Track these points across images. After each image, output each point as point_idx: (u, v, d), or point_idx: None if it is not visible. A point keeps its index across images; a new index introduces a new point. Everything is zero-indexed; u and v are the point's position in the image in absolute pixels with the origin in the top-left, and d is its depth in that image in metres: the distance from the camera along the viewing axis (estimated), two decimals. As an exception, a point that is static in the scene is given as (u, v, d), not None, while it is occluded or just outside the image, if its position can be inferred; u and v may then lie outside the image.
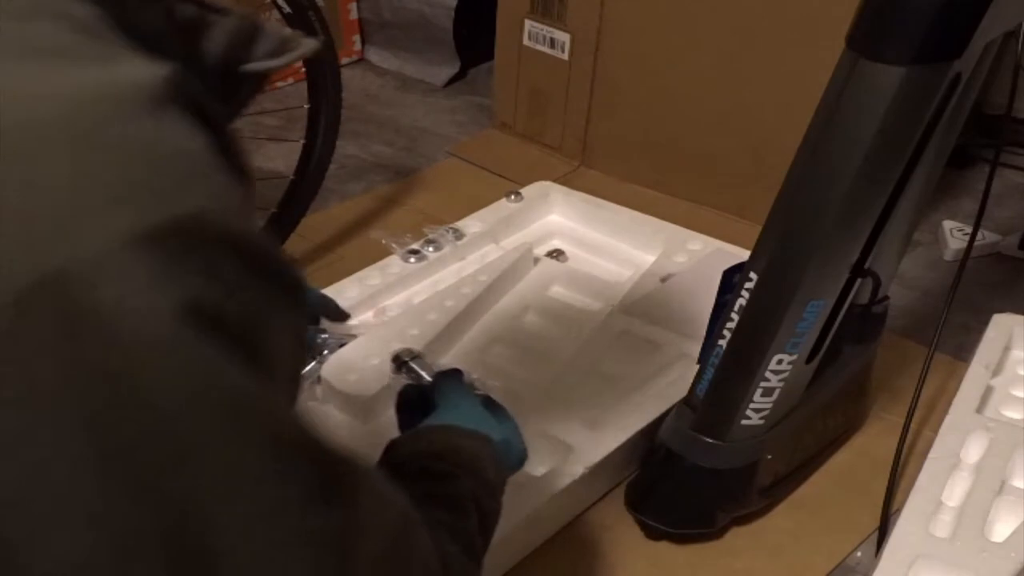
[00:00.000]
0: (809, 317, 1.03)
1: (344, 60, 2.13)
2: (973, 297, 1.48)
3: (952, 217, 1.70)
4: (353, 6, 2.20)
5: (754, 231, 1.06)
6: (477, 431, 0.77)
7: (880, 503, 1.17)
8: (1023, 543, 1.03)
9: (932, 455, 1.14)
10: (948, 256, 1.63)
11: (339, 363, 1.22)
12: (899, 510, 1.11)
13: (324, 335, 1.25)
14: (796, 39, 1.52)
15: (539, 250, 1.51)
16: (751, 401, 1.06)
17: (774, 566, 1.12)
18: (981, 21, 0.90)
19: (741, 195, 1.63)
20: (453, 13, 2.05)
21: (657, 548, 1.13)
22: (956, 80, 0.95)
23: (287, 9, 1.40)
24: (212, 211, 0.43)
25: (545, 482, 1.09)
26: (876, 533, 1.15)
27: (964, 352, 1.36)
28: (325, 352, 1.24)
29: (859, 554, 1.13)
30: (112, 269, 0.40)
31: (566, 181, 1.69)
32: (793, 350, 1.04)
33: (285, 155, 1.57)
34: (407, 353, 1.20)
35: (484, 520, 0.71)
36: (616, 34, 1.72)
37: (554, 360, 1.29)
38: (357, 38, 2.24)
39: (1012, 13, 0.96)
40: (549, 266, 1.47)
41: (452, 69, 2.16)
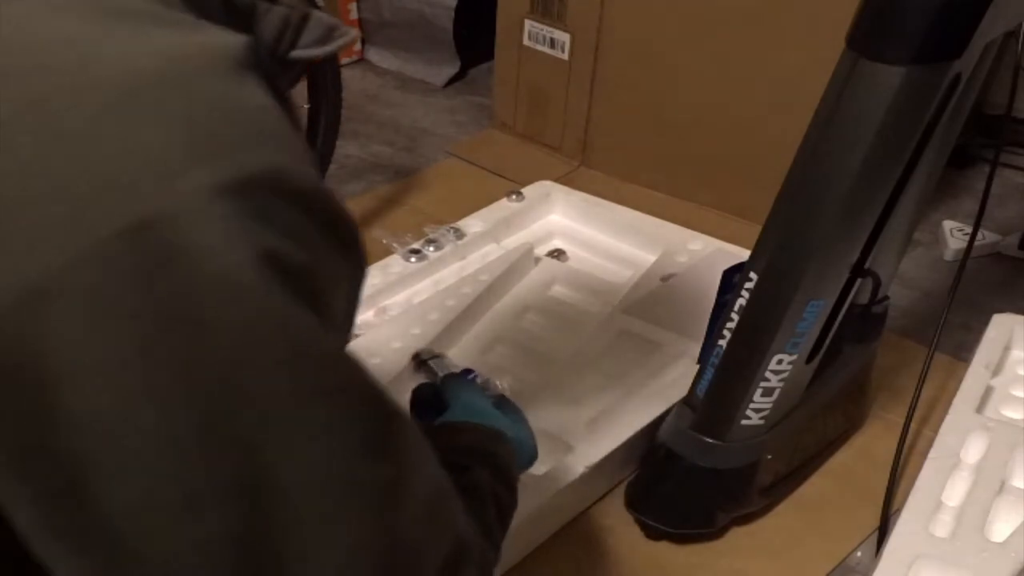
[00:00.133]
0: (809, 317, 1.03)
1: (344, 60, 2.13)
2: (973, 297, 1.48)
3: (952, 217, 1.70)
4: (353, 6, 2.20)
5: (754, 231, 1.06)
6: (491, 427, 0.78)
7: (880, 503, 1.17)
8: (1023, 543, 1.03)
9: (932, 455, 1.14)
10: (948, 256, 1.63)
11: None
12: (899, 510, 1.11)
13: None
14: (796, 39, 1.52)
15: (540, 250, 1.51)
16: (751, 401, 1.06)
17: (774, 566, 1.12)
18: (981, 21, 0.90)
19: (741, 195, 1.63)
20: (453, 13, 2.05)
21: (657, 548, 1.13)
22: (956, 80, 0.95)
23: (287, 9, 1.39)
24: (288, 168, 0.46)
25: (545, 481, 1.09)
26: (876, 533, 1.15)
27: (964, 352, 1.36)
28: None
29: (859, 554, 1.14)
30: (200, 216, 0.42)
31: (566, 181, 1.69)
32: (793, 350, 1.04)
33: (285, 155, 1.57)
34: (427, 352, 1.20)
35: (501, 512, 0.72)
36: (616, 34, 1.72)
37: (554, 360, 1.29)
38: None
39: (1012, 13, 0.96)
40: (550, 266, 1.48)
41: (452, 69, 2.15)
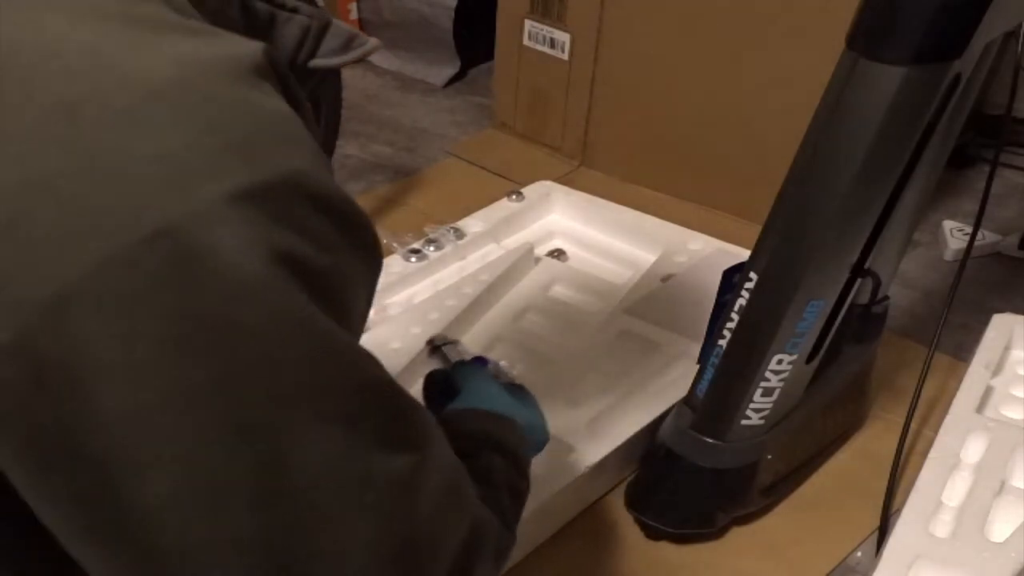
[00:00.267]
0: (809, 317, 1.03)
1: (344, 60, 2.12)
2: (973, 297, 1.48)
3: (952, 217, 1.70)
4: (353, 6, 2.20)
5: (754, 231, 1.06)
6: (501, 412, 0.78)
7: (880, 503, 1.17)
8: (1023, 543, 1.03)
9: (932, 455, 1.14)
10: (948, 256, 1.63)
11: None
12: (899, 510, 1.11)
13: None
14: (796, 39, 1.52)
15: (540, 250, 1.51)
16: (751, 401, 1.06)
17: (774, 566, 1.12)
18: (981, 21, 0.90)
19: (741, 195, 1.63)
20: (453, 13, 2.05)
21: (657, 548, 1.13)
22: (956, 80, 0.95)
23: (287, 9, 1.39)
24: (307, 172, 0.47)
25: (545, 481, 1.09)
26: (876, 533, 1.15)
27: (964, 352, 1.36)
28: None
29: (859, 554, 1.14)
30: (219, 222, 0.43)
31: (566, 181, 1.69)
32: (793, 350, 1.04)
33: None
34: (441, 338, 1.21)
35: (514, 495, 0.73)
36: (616, 34, 1.72)
37: (554, 360, 1.29)
38: (357, 38, 2.24)
39: (1012, 13, 0.96)
40: (550, 266, 1.48)
41: (452, 69, 2.15)
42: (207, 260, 0.43)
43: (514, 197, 1.57)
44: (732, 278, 1.09)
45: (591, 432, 1.16)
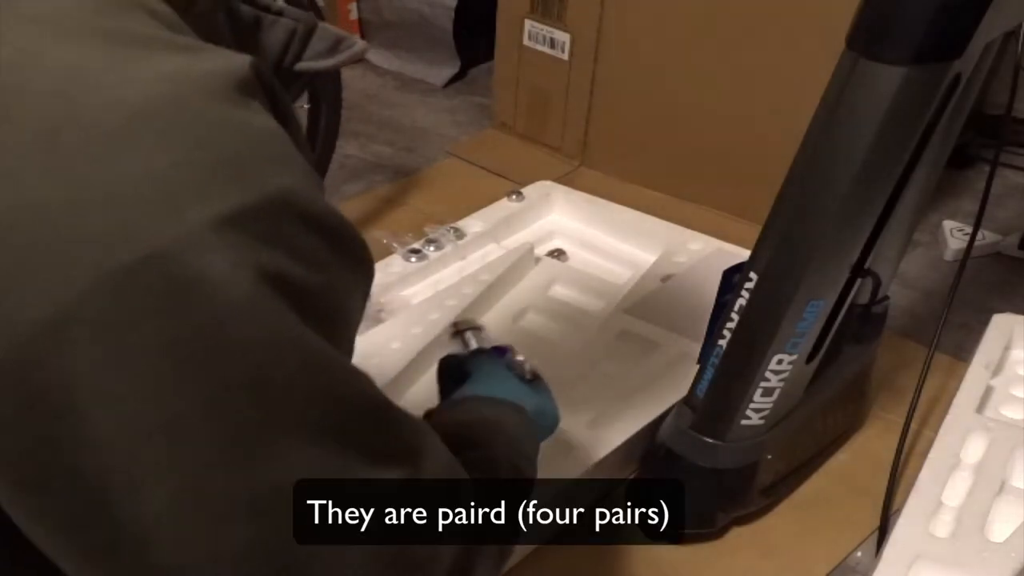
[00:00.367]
0: (809, 317, 1.03)
1: (344, 60, 2.12)
2: (973, 297, 1.48)
3: (952, 217, 1.70)
4: (353, 6, 2.20)
5: (754, 231, 1.06)
6: (509, 400, 0.79)
7: (880, 503, 1.17)
8: (1023, 543, 1.03)
9: (932, 455, 1.14)
10: (948, 256, 1.63)
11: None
12: (899, 510, 1.11)
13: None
14: (796, 39, 1.52)
15: (540, 250, 1.51)
16: (751, 401, 1.06)
17: (774, 566, 1.12)
18: (981, 21, 0.90)
19: (741, 195, 1.63)
20: (453, 13, 2.05)
21: (657, 548, 1.13)
22: (956, 80, 0.95)
23: (287, 9, 1.39)
24: (295, 191, 0.47)
25: (545, 481, 1.09)
26: (876, 533, 1.15)
27: (964, 352, 1.36)
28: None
29: (859, 554, 1.14)
30: (206, 246, 0.43)
31: (566, 181, 1.69)
32: (793, 350, 1.04)
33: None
34: (465, 323, 1.20)
35: (519, 484, 0.74)
36: (616, 34, 1.72)
37: (554, 359, 1.29)
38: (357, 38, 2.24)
39: (1012, 13, 0.96)
40: (550, 266, 1.48)
41: (452, 69, 2.15)
42: (196, 284, 0.43)
43: (514, 197, 1.57)
44: (732, 278, 1.09)
45: (591, 432, 1.16)
